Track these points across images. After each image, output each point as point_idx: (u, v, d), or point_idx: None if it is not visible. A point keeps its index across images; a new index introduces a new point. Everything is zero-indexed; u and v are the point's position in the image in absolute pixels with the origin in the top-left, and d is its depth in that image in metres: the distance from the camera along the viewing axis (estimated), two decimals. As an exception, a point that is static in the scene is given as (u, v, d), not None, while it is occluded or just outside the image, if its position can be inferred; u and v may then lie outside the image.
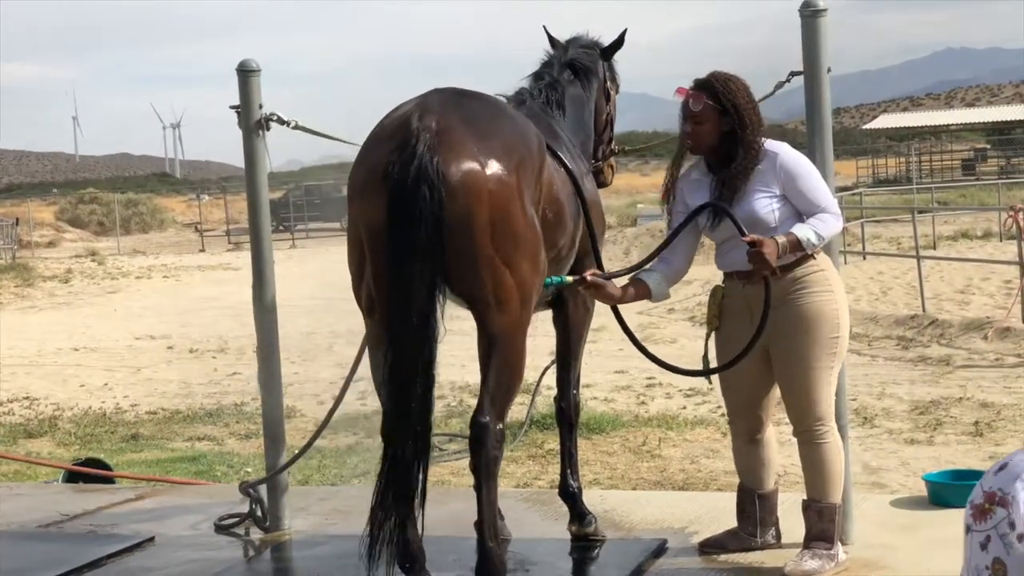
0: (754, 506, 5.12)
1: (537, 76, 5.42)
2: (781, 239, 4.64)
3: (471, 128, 4.34)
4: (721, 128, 4.79)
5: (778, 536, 5.16)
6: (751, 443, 5.09)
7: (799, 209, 4.79)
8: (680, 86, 4.87)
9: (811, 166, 4.84)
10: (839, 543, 4.88)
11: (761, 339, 4.73)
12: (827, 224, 4.74)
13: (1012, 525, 1.34)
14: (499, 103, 4.81)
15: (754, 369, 4.90)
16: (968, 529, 1.41)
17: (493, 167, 4.28)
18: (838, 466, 4.86)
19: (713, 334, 5.04)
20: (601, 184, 5.63)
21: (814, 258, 4.79)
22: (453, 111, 4.37)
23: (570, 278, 4.84)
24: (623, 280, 4.96)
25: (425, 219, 4.13)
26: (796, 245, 4.67)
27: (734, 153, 4.79)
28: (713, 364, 5.01)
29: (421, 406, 4.22)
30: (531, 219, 4.42)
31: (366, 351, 5.05)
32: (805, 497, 4.91)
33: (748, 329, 4.79)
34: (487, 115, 4.51)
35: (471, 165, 4.24)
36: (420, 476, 4.28)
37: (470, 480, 4.56)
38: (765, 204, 4.76)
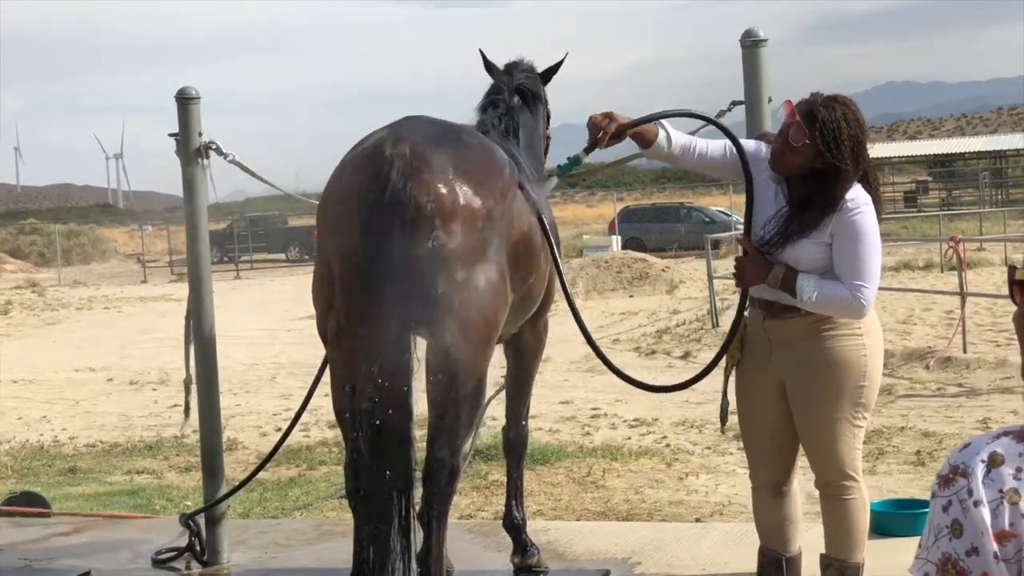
0: (781, 571, 4.65)
1: (493, 104, 5.36)
2: (781, 270, 4.30)
3: (445, 156, 4.27)
4: (812, 165, 4.28)
5: None
6: (776, 497, 4.63)
7: (835, 266, 4.32)
8: (788, 101, 4.37)
9: (874, 240, 4.32)
10: None
11: (778, 377, 4.44)
12: (838, 295, 4.27)
13: (970, 492, 1.59)
14: (471, 132, 4.76)
15: (775, 411, 4.51)
16: (934, 495, 1.65)
17: (467, 196, 4.22)
18: (863, 524, 4.53)
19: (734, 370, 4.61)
20: None
21: None
22: (427, 139, 4.30)
23: (583, 154, 4.73)
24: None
25: (398, 247, 4.06)
26: (789, 285, 4.29)
27: (815, 189, 4.30)
28: (732, 403, 4.62)
29: (400, 440, 4.08)
30: (502, 251, 4.37)
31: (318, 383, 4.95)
32: (824, 552, 4.58)
33: (767, 367, 4.47)
34: (461, 144, 4.44)
35: (444, 193, 4.17)
36: (404, 510, 4.10)
37: None
38: (814, 249, 4.31)
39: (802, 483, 4.89)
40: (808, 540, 4.82)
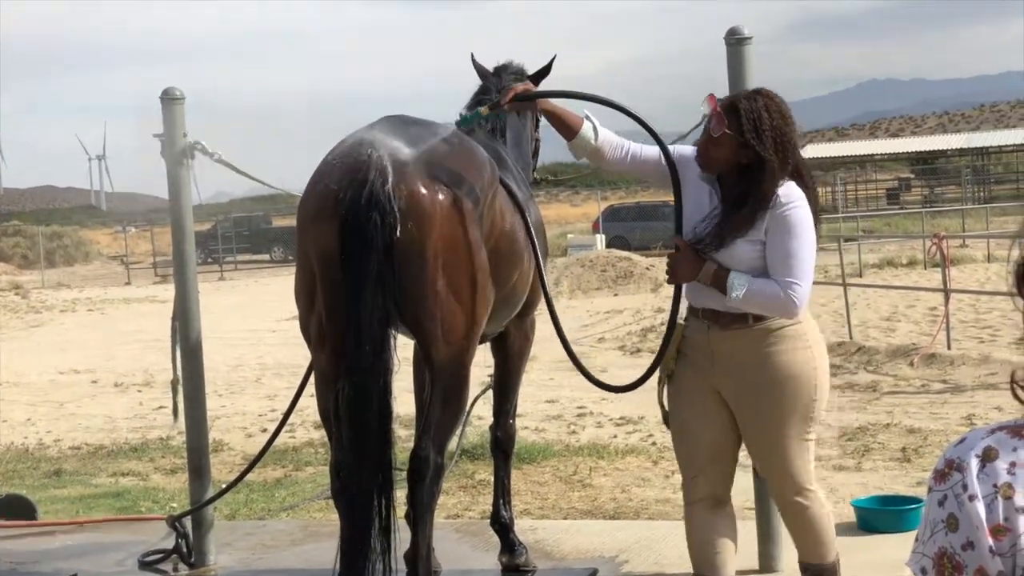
0: None
1: (480, 104, 5.36)
2: (712, 266, 4.17)
3: (423, 155, 4.29)
4: (738, 159, 4.18)
5: None
6: (714, 510, 4.40)
7: (767, 262, 4.19)
8: (712, 94, 4.28)
9: (807, 236, 4.21)
10: None
11: (719, 387, 4.28)
12: (769, 292, 4.13)
13: (965, 487, 1.60)
14: (450, 130, 4.76)
15: (715, 421, 4.34)
16: (930, 489, 1.67)
17: (445, 195, 4.24)
18: (828, 527, 4.43)
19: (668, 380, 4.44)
20: None
21: None
22: (405, 139, 4.33)
23: (484, 109, 4.80)
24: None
25: (377, 247, 4.08)
26: (720, 282, 4.16)
27: (745, 187, 4.18)
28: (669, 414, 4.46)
29: (380, 439, 4.12)
30: (481, 250, 4.38)
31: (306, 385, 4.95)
32: (799, 558, 4.54)
33: (707, 377, 4.30)
34: (439, 143, 4.45)
35: (423, 192, 4.19)
36: (384, 510, 4.15)
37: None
38: (749, 249, 4.19)
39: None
40: (787, 539, 4.82)
